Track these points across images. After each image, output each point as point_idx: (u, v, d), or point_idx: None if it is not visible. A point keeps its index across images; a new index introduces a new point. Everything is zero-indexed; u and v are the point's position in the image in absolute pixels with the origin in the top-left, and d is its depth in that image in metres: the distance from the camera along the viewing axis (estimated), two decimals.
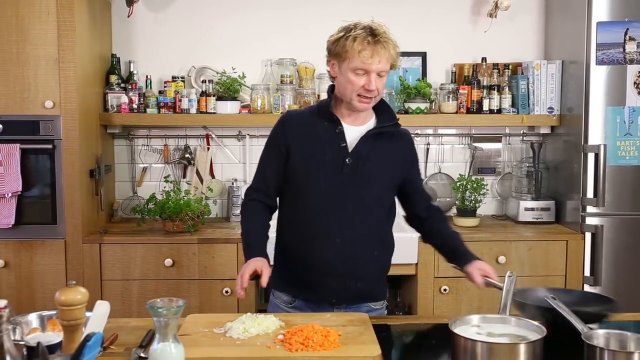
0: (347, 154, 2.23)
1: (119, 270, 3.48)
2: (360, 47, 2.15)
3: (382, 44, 2.16)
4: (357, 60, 2.15)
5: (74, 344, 1.51)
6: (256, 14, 4.04)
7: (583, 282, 3.56)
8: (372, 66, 2.15)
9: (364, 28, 2.19)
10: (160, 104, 3.84)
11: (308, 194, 2.25)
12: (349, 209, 2.23)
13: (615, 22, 3.48)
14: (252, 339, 1.83)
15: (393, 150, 2.30)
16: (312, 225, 2.25)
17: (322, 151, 2.24)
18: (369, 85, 2.16)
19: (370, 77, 2.16)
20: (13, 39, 3.33)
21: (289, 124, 2.32)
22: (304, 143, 2.26)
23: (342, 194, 2.22)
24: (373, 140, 2.26)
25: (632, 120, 3.52)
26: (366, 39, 2.16)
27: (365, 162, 2.24)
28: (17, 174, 3.36)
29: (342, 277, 2.24)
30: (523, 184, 3.97)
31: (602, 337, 1.71)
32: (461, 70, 4.03)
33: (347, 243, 2.23)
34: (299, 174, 2.26)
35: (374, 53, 2.15)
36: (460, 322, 1.79)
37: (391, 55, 2.19)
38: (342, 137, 2.24)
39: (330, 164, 2.23)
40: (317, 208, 2.24)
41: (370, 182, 2.25)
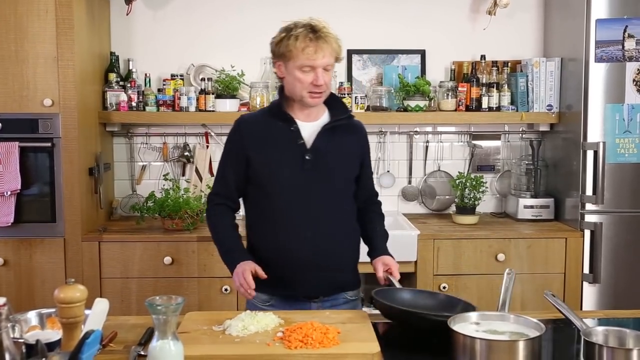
0: (306, 150, 2.27)
1: (118, 268, 3.48)
2: (303, 45, 2.19)
3: (324, 38, 2.21)
4: (301, 58, 2.20)
5: (73, 342, 1.51)
6: (255, 12, 4.03)
7: (582, 280, 3.56)
8: (317, 62, 2.20)
9: (304, 26, 2.24)
10: (159, 102, 3.83)
11: (273, 194, 2.29)
12: (315, 203, 2.28)
13: (614, 19, 3.48)
14: (251, 337, 1.83)
15: (350, 142, 2.37)
16: (280, 224, 2.29)
17: (281, 151, 2.29)
18: (316, 80, 2.22)
19: (317, 72, 2.22)
20: (12, 37, 3.33)
21: (244, 128, 2.36)
22: (262, 145, 2.30)
23: (306, 190, 2.27)
24: (330, 135, 2.31)
25: (631, 118, 3.52)
26: (308, 36, 2.21)
27: (325, 157, 2.29)
28: (16, 172, 3.36)
29: (318, 270, 2.28)
30: (522, 181, 3.97)
31: (600, 334, 1.71)
32: (460, 68, 4.03)
33: (318, 236, 2.27)
34: (261, 175, 2.30)
35: (317, 49, 2.20)
36: (459, 320, 1.79)
37: (334, 49, 2.24)
38: (298, 134, 2.28)
39: (291, 162, 2.27)
40: (283, 206, 2.28)
41: (332, 176, 2.31)
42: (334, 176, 2.31)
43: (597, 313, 2.62)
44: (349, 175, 2.38)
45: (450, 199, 4.06)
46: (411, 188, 4.13)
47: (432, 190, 4.11)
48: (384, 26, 4.05)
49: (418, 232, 3.52)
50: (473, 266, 3.53)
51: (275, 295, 2.31)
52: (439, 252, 3.52)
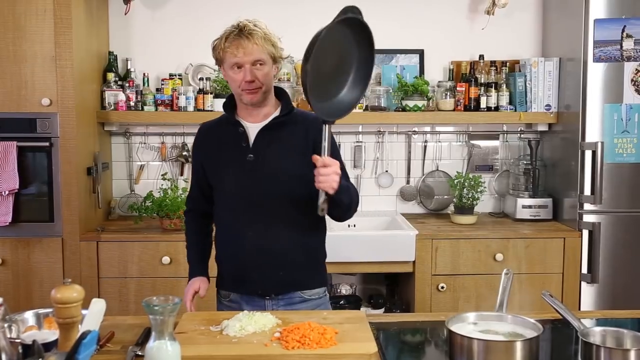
0: (248, 150, 2.29)
1: (116, 268, 3.47)
2: (228, 44, 2.23)
3: (246, 36, 2.23)
4: (229, 57, 2.24)
5: (69, 342, 1.51)
6: (253, 12, 3.99)
7: (580, 280, 3.56)
8: (241, 58, 2.22)
9: (232, 27, 2.27)
10: (157, 102, 3.83)
11: (222, 197, 2.36)
12: (258, 203, 2.28)
13: (613, 19, 3.48)
14: (248, 337, 1.83)
15: (297, 138, 2.31)
16: (230, 225, 2.34)
17: (227, 154, 2.33)
18: (245, 76, 2.23)
19: (245, 69, 2.23)
20: (10, 37, 3.33)
21: (200, 138, 2.46)
22: (213, 153, 2.37)
23: (249, 191, 2.28)
24: (273, 133, 2.30)
25: (629, 118, 3.52)
26: (231, 34, 2.24)
27: (265, 156, 2.28)
28: (14, 171, 3.35)
29: (261, 269, 2.28)
30: (520, 181, 3.98)
31: (598, 334, 1.71)
32: (459, 68, 4.03)
33: (260, 235, 2.27)
34: (213, 180, 2.38)
35: (239, 46, 2.22)
36: (457, 320, 1.79)
37: (261, 45, 2.24)
38: (244, 137, 2.31)
39: (235, 164, 2.30)
40: (231, 207, 2.33)
41: (274, 174, 2.28)
42: (276, 174, 2.28)
43: (595, 313, 2.62)
44: (297, 172, 2.26)
45: (449, 199, 4.06)
46: (409, 188, 4.13)
47: (430, 190, 4.11)
48: (383, 26, 4.03)
49: (416, 232, 3.52)
50: (471, 266, 3.53)
51: (232, 292, 2.37)
52: (437, 252, 3.52)
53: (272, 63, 2.30)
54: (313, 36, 1.98)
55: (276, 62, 2.33)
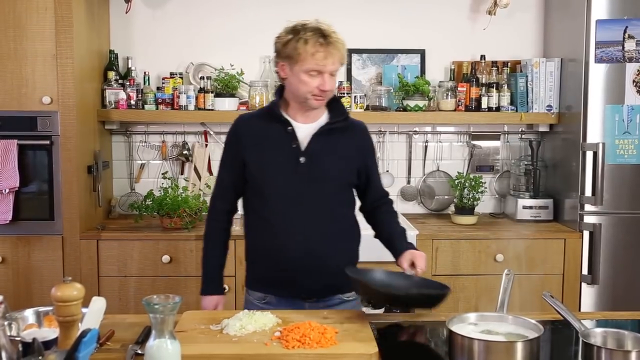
0: (300, 153, 2.25)
1: (116, 266, 3.47)
2: (314, 50, 2.17)
3: (334, 44, 2.19)
4: (310, 62, 2.17)
5: (69, 340, 1.51)
6: (254, 11, 4.03)
7: (581, 281, 3.56)
8: (326, 67, 2.18)
9: (314, 30, 2.20)
10: (158, 101, 3.83)
11: (267, 197, 2.29)
12: (308, 206, 2.26)
13: (615, 20, 3.47)
14: (248, 336, 1.83)
15: (346, 145, 2.32)
16: (274, 226, 2.28)
17: (275, 153, 2.27)
18: (323, 86, 2.20)
19: (324, 77, 2.20)
20: (10, 35, 3.33)
21: (241, 130, 2.36)
22: (257, 147, 2.30)
23: (298, 193, 2.25)
24: (325, 137, 2.28)
25: (630, 119, 3.51)
26: (318, 40, 2.18)
27: (319, 160, 2.26)
28: (15, 169, 3.35)
29: (309, 272, 2.26)
30: (521, 182, 3.97)
31: (599, 335, 1.71)
32: (460, 68, 4.03)
33: (310, 239, 2.26)
34: (256, 178, 2.30)
35: (327, 54, 2.18)
36: (457, 320, 1.79)
37: (342, 55, 2.24)
38: (293, 136, 2.27)
39: (284, 165, 2.26)
40: (277, 209, 2.28)
41: (325, 179, 2.27)
42: (327, 179, 2.28)
43: (596, 314, 2.62)
44: (344, 179, 2.34)
45: (449, 199, 4.06)
46: (410, 188, 4.13)
47: (431, 190, 4.11)
48: (384, 26, 4.04)
49: (417, 232, 3.51)
50: (471, 266, 3.53)
51: (270, 293, 2.33)
52: (438, 253, 3.52)
53: None
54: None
55: (342, 64, 2.31)
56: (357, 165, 2.36)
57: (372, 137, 2.48)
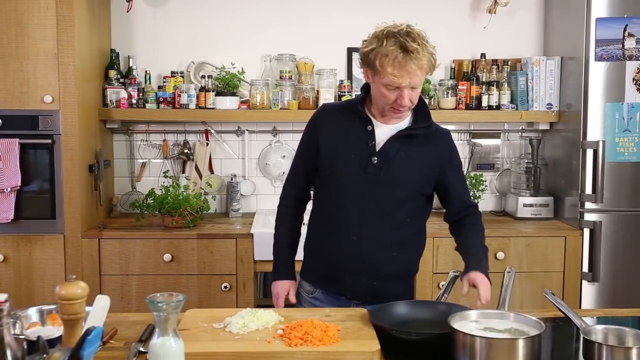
0: (374, 153, 2.21)
1: (118, 265, 3.48)
2: (391, 67, 2.06)
3: (414, 60, 2.05)
4: (388, 77, 2.07)
5: (74, 338, 1.52)
6: (256, 9, 4.03)
7: (581, 278, 3.57)
8: (402, 84, 2.08)
9: (396, 42, 2.06)
10: (159, 99, 3.83)
11: (331, 190, 2.26)
12: (370, 208, 2.22)
13: (615, 18, 3.48)
14: (251, 334, 1.84)
15: (425, 152, 2.25)
16: (332, 221, 2.26)
17: (350, 149, 2.23)
18: (401, 100, 2.11)
19: (403, 92, 2.10)
20: (12, 34, 3.33)
21: (320, 120, 2.32)
22: (333, 139, 2.26)
23: (364, 193, 2.21)
24: (403, 141, 2.22)
25: (630, 117, 3.52)
26: (397, 56, 2.05)
27: (392, 163, 2.20)
28: (16, 168, 3.36)
29: (357, 274, 2.24)
30: (522, 180, 3.98)
31: (600, 332, 1.72)
32: (460, 66, 4.03)
33: (364, 242, 2.22)
34: (325, 168, 2.27)
35: (404, 72, 2.06)
36: (459, 318, 1.79)
37: (424, 68, 2.10)
38: (371, 135, 2.22)
39: (356, 162, 2.21)
40: (339, 205, 2.25)
41: (395, 184, 2.21)
42: (396, 184, 2.21)
43: (596, 311, 2.63)
44: (415, 186, 2.25)
45: None
46: None
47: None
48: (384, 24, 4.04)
49: None
50: None
51: (318, 288, 2.33)
52: (439, 251, 3.53)
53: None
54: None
55: (429, 74, 2.20)
56: (433, 175, 2.28)
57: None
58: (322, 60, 3.99)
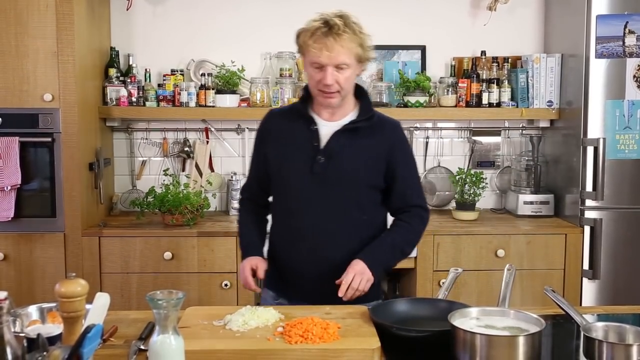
0: (319, 152, 2.15)
1: (118, 263, 3.48)
2: (312, 40, 2.07)
3: (334, 35, 2.05)
4: (311, 53, 2.08)
5: (74, 336, 1.51)
6: (255, 7, 4.03)
7: (582, 276, 3.57)
8: (322, 59, 2.06)
9: (322, 19, 2.09)
10: (159, 97, 3.83)
11: (284, 196, 2.23)
12: (323, 209, 2.16)
13: (615, 15, 3.48)
14: (251, 332, 1.83)
15: (371, 145, 2.18)
16: (289, 228, 2.22)
17: (295, 151, 2.18)
18: (324, 79, 2.07)
19: (326, 71, 2.07)
20: (12, 32, 3.33)
21: (266, 126, 2.31)
22: (279, 144, 2.23)
23: (314, 195, 2.16)
24: (348, 136, 2.16)
25: (631, 114, 3.52)
26: (319, 30, 2.07)
27: (338, 160, 2.14)
28: (17, 167, 3.36)
29: (316, 280, 2.17)
30: (522, 177, 3.98)
31: (600, 329, 1.71)
32: (460, 64, 4.03)
33: (322, 245, 2.17)
34: (275, 175, 2.24)
35: (324, 46, 2.05)
36: (459, 315, 1.79)
37: (348, 48, 2.07)
38: (315, 135, 2.17)
39: (303, 164, 2.16)
40: (291, 210, 2.21)
41: (344, 181, 2.15)
42: (346, 181, 2.15)
43: (597, 309, 2.63)
44: (367, 181, 2.19)
45: (450, 195, 4.06)
46: None
47: (432, 186, 4.11)
48: (384, 22, 4.04)
49: None
50: (473, 262, 3.53)
51: (281, 297, 2.28)
52: (439, 248, 3.53)
53: (356, 65, 2.13)
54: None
55: (362, 62, 2.15)
56: (381, 167, 2.20)
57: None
58: None
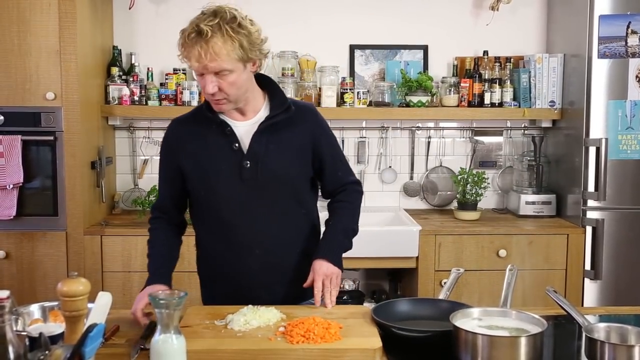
0: (243, 156, 2.02)
1: (120, 262, 3.48)
2: (183, 48, 1.92)
3: (202, 42, 1.86)
4: (188, 61, 1.92)
5: (76, 335, 1.52)
6: (257, 6, 4.02)
7: (584, 276, 3.56)
8: (196, 68, 1.90)
9: (194, 21, 1.94)
10: (161, 96, 3.83)
11: (214, 208, 2.08)
12: (262, 216, 2.06)
13: (618, 15, 3.47)
14: (253, 331, 1.83)
15: (295, 136, 2.07)
16: (228, 240, 2.09)
17: (217, 160, 2.03)
18: (207, 87, 1.91)
19: (205, 79, 1.90)
20: (14, 30, 3.33)
21: (174, 137, 2.12)
22: (195, 155, 2.05)
23: (249, 202, 2.04)
24: (269, 133, 2.03)
25: (633, 114, 3.51)
26: (189, 37, 1.89)
27: (266, 162, 2.02)
28: (19, 165, 3.36)
29: (271, 286, 2.13)
30: (524, 177, 3.98)
31: (602, 330, 1.71)
32: (463, 64, 4.03)
33: (269, 251, 2.09)
34: (198, 189, 2.09)
35: (191, 54, 1.88)
36: (461, 315, 1.79)
37: (224, 53, 1.87)
38: (233, 138, 2.02)
39: (228, 171, 2.02)
40: (228, 221, 2.07)
41: (278, 182, 2.04)
42: (278, 181, 2.04)
43: (599, 309, 2.63)
44: (299, 174, 2.09)
45: (452, 195, 4.06)
46: (413, 184, 4.13)
47: (433, 186, 4.11)
48: (387, 21, 4.04)
49: (420, 228, 3.52)
50: (474, 262, 3.53)
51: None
52: (441, 248, 3.53)
53: (244, 66, 1.94)
54: None
55: (251, 61, 1.97)
56: (309, 156, 2.10)
57: (375, 132, 2.23)
58: (324, 58, 3.99)
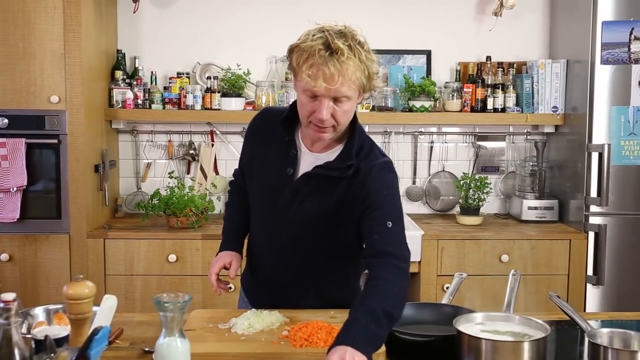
0: (288, 185, 1.93)
1: (123, 265, 3.49)
2: (307, 65, 1.71)
3: (335, 62, 1.68)
4: (303, 78, 1.72)
5: (81, 338, 1.52)
6: (261, 10, 4.04)
7: (586, 282, 3.56)
8: (317, 90, 1.71)
9: (321, 38, 1.72)
10: (165, 100, 3.84)
11: (253, 205, 2.09)
12: (284, 239, 2.01)
13: (621, 21, 3.48)
14: (256, 335, 1.84)
15: (343, 193, 1.89)
16: (255, 238, 2.14)
17: (269, 172, 1.97)
18: (318, 113, 1.75)
19: (321, 103, 1.74)
20: (19, 34, 3.34)
21: (259, 124, 2.06)
22: (262, 151, 2.00)
23: (278, 227, 2.00)
24: (320, 178, 1.90)
25: (636, 120, 3.52)
26: (317, 53, 1.69)
27: (302, 202, 1.92)
28: (23, 168, 3.37)
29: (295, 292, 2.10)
30: (526, 182, 3.98)
31: (605, 335, 1.72)
32: (466, 69, 4.03)
33: (279, 274, 2.08)
34: (247, 178, 2.09)
35: (320, 74, 1.69)
36: (464, 320, 1.80)
37: (349, 77, 1.71)
38: (293, 163, 1.92)
39: (271, 190, 1.97)
40: (259, 224, 2.08)
41: (303, 225, 1.95)
42: (304, 225, 1.95)
43: (601, 315, 2.63)
44: (328, 229, 1.94)
45: (455, 200, 4.07)
46: (415, 188, 4.14)
47: (436, 190, 4.12)
48: (390, 26, 4.05)
49: (422, 233, 3.52)
50: (477, 267, 3.53)
51: (249, 296, 2.26)
52: (443, 253, 3.53)
53: (359, 96, 1.80)
54: None
55: (366, 92, 1.82)
56: (350, 216, 1.90)
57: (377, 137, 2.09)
58: None
